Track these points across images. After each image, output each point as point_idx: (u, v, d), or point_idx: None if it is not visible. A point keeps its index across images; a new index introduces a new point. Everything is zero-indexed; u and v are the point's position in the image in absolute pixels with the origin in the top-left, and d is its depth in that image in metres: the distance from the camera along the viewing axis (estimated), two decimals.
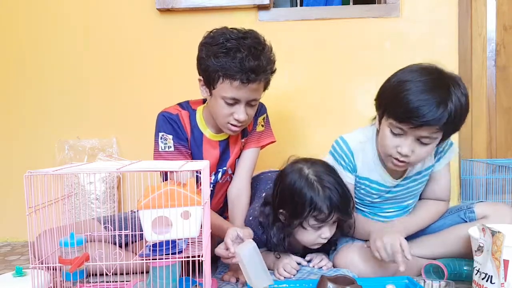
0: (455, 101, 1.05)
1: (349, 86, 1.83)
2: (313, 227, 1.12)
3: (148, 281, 0.90)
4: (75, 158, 1.83)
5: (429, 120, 1.03)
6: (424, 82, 1.06)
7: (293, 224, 1.13)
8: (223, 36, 1.20)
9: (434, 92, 1.04)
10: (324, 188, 1.10)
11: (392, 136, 1.12)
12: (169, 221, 0.84)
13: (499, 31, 1.78)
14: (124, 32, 1.87)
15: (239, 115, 1.23)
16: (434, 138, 1.10)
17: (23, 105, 1.90)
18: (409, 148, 1.10)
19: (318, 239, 1.15)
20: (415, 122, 1.05)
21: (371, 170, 1.26)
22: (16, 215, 1.84)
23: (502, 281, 0.92)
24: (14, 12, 1.88)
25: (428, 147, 1.11)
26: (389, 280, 1.06)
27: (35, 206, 0.82)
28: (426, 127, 1.05)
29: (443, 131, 1.08)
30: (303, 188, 1.10)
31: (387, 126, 1.13)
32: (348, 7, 1.87)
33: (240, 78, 1.17)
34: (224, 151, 1.40)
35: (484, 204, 1.31)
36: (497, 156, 1.81)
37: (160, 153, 1.30)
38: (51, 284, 0.93)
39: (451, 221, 1.32)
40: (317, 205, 1.08)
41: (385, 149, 1.16)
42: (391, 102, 1.11)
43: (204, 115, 1.37)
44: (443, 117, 1.03)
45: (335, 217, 1.11)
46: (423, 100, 1.03)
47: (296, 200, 1.11)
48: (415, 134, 1.08)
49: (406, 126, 1.07)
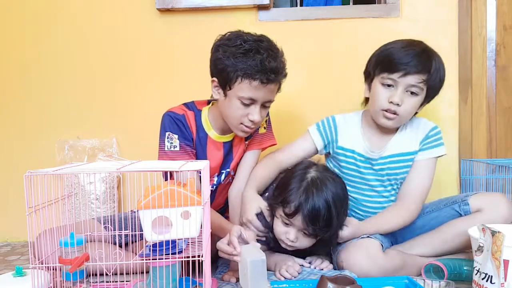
0: (435, 56, 1.26)
1: (349, 86, 1.83)
2: (282, 219, 1.15)
3: (148, 281, 0.90)
4: (75, 158, 1.83)
5: (416, 64, 1.21)
6: (407, 41, 1.28)
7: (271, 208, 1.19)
8: (240, 38, 1.22)
9: (415, 46, 1.25)
10: (309, 191, 1.10)
11: (384, 89, 1.26)
12: (169, 221, 0.84)
13: (499, 31, 1.78)
14: (124, 32, 1.87)
15: (253, 116, 1.24)
16: (421, 89, 1.24)
17: (23, 105, 1.90)
18: (399, 97, 1.23)
19: (283, 237, 1.15)
20: (405, 68, 1.21)
21: (354, 141, 1.36)
22: (16, 215, 1.84)
23: (502, 281, 0.92)
24: (15, 12, 1.88)
25: (416, 98, 1.25)
26: (389, 280, 1.06)
27: (35, 206, 0.82)
28: (415, 74, 1.21)
29: (428, 84, 1.24)
30: (294, 179, 1.15)
31: (378, 82, 1.28)
32: (348, 7, 1.87)
33: (260, 78, 1.18)
34: (228, 152, 1.40)
35: (478, 196, 1.30)
36: (497, 156, 1.81)
37: (166, 152, 1.30)
38: (51, 284, 0.93)
39: (446, 213, 1.33)
40: (288, 198, 1.12)
41: (377, 103, 1.27)
42: (380, 62, 1.28)
43: (210, 116, 1.37)
44: (428, 64, 1.22)
45: (300, 221, 1.10)
46: (409, 49, 1.23)
47: (282, 185, 1.17)
48: (405, 83, 1.23)
49: (396, 75, 1.23)
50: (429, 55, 1.24)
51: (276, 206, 1.16)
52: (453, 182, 1.82)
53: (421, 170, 1.32)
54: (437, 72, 1.24)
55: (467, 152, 1.80)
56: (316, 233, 1.12)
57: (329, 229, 1.12)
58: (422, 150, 1.33)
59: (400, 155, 1.33)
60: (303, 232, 1.14)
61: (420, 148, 1.33)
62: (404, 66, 1.21)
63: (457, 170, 1.81)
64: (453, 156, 1.81)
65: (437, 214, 1.34)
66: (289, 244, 1.16)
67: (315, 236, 1.14)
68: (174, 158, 1.28)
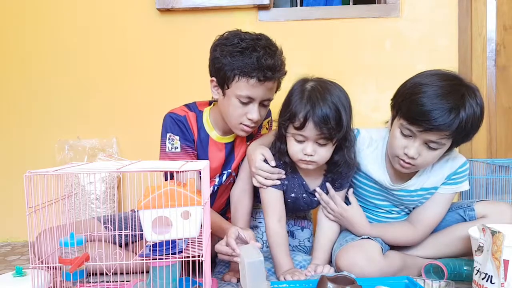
0: (468, 109, 1.05)
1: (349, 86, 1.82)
2: (295, 137, 1.12)
3: (148, 281, 0.90)
4: (75, 158, 1.83)
5: (439, 125, 1.04)
6: (441, 87, 1.07)
7: (281, 129, 1.16)
8: (237, 37, 1.22)
9: (448, 98, 1.05)
10: (313, 96, 1.09)
11: (402, 136, 1.13)
12: (169, 221, 0.84)
13: (499, 31, 1.78)
14: (124, 32, 1.87)
15: (252, 115, 1.24)
16: (443, 144, 1.10)
17: (23, 105, 1.90)
18: (416, 150, 1.11)
19: (300, 154, 1.13)
20: (425, 126, 1.06)
21: (373, 168, 1.26)
22: (16, 215, 1.85)
23: (502, 281, 0.92)
24: (15, 12, 1.88)
25: (436, 152, 1.12)
26: (389, 280, 1.06)
27: (35, 206, 0.82)
28: (435, 132, 1.06)
29: (453, 138, 1.09)
30: (293, 93, 1.13)
31: (397, 127, 1.14)
32: (348, 7, 1.87)
33: (257, 76, 1.18)
34: (229, 153, 1.40)
35: (484, 203, 1.30)
36: (497, 156, 1.81)
37: (167, 153, 1.30)
38: (51, 284, 0.93)
39: (450, 217, 1.32)
40: (294, 110, 1.09)
41: (393, 149, 1.17)
42: (404, 103, 1.12)
43: (211, 117, 1.37)
44: (453, 124, 1.04)
45: (312, 130, 1.08)
46: (436, 104, 1.04)
47: (284, 104, 1.14)
48: (424, 138, 1.09)
49: (415, 129, 1.08)
50: (459, 106, 1.05)
51: (285, 124, 1.13)
52: None
53: (440, 202, 1.25)
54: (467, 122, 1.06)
55: (467, 152, 1.80)
56: (330, 135, 1.09)
57: (341, 128, 1.09)
58: (446, 184, 1.24)
59: (423, 190, 1.25)
60: (318, 142, 1.11)
61: (444, 182, 1.24)
62: (425, 122, 1.06)
63: None
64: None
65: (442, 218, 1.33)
66: (308, 160, 1.12)
67: (330, 140, 1.11)
68: (175, 159, 1.28)
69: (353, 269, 1.14)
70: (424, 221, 1.26)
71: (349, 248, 1.19)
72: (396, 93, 1.19)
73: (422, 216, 1.27)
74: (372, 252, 1.16)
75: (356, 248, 1.17)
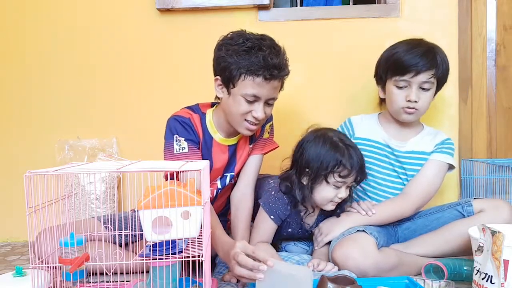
0: (439, 50, 1.37)
1: (349, 86, 1.83)
2: (336, 184, 1.24)
3: (148, 281, 0.90)
4: (75, 158, 1.83)
5: (424, 64, 1.31)
6: (410, 42, 1.39)
7: (319, 179, 1.24)
8: (242, 37, 1.23)
9: (421, 45, 1.36)
10: (348, 148, 1.24)
11: (399, 90, 1.37)
12: (169, 221, 0.84)
13: (499, 31, 1.78)
14: (124, 32, 1.87)
15: (257, 113, 1.24)
16: (432, 83, 1.36)
17: (23, 105, 1.90)
18: (415, 94, 1.34)
19: (335, 198, 1.26)
20: (415, 69, 1.32)
21: (372, 131, 1.46)
22: (16, 215, 1.85)
23: (502, 281, 0.92)
24: (15, 12, 1.88)
25: (429, 92, 1.36)
26: (389, 280, 1.06)
27: (35, 206, 0.82)
28: (425, 72, 1.32)
29: (437, 77, 1.35)
30: (330, 148, 1.24)
31: (392, 85, 1.38)
32: (348, 7, 1.87)
33: (263, 75, 1.19)
34: (232, 155, 1.40)
35: (481, 199, 1.35)
36: (497, 156, 1.81)
37: (175, 155, 1.29)
38: (51, 284, 0.93)
39: (449, 214, 1.35)
40: (342, 162, 1.21)
41: (395, 103, 1.38)
42: (390, 65, 1.38)
43: (214, 119, 1.37)
44: (435, 61, 1.33)
45: (355, 175, 1.24)
46: (416, 51, 1.33)
47: (322, 159, 1.23)
48: (418, 81, 1.34)
49: (408, 76, 1.33)
50: (433, 51, 1.35)
51: (328, 174, 1.23)
52: (453, 182, 1.82)
53: (430, 168, 1.38)
54: (443, 63, 1.36)
55: (467, 152, 1.80)
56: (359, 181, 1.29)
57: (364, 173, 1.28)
58: (435, 152, 1.40)
59: (419, 153, 1.41)
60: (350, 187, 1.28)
61: (434, 150, 1.40)
62: (414, 67, 1.32)
63: (457, 170, 1.81)
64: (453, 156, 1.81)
65: (440, 215, 1.36)
66: (339, 201, 1.28)
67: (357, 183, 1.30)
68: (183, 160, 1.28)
69: (347, 262, 1.16)
70: (417, 187, 1.38)
71: (344, 242, 1.21)
72: (376, 67, 1.47)
73: (415, 182, 1.39)
74: (367, 245, 1.18)
75: (351, 241, 1.20)
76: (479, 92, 1.79)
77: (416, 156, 1.41)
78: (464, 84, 1.79)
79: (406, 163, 1.42)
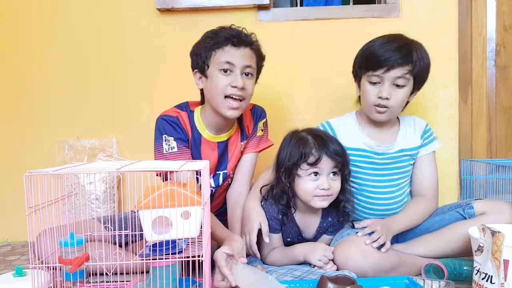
0: (417, 45, 1.30)
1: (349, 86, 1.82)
2: (308, 173, 1.22)
3: (148, 281, 0.90)
4: (75, 158, 1.83)
5: (397, 58, 1.25)
6: (386, 37, 1.32)
7: (292, 174, 1.24)
8: (212, 30, 1.32)
9: (396, 40, 1.29)
10: (316, 137, 1.24)
11: (372, 86, 1.31)
12: (169, 221, 0.84)
13: (499, 31, 1.78)
14: (124, 32, 1.87)
15: (236, 82, 1.26)
16: (407, 80, 1.28)
17: (23, 105, 1.90)
18: (387, 91, 1.28)
19: (317, 191, 1.21)
20: (386, 63, 1.26)
21: (355, 139, 1.39)
22: (16, 215, 1.84)
23: (502, 281, 0.92)
24: (15, 12, 1.88)
25: (404, 89, 1.29)
26: (389, 280, 1.06)
27: (35, 206, 0.82)
28: (397, 68, 1.26)
29: (413, 74, 1.28)
30: (296, 142, 1.25)
31: (365, 81, 1.33)
32: (348, 7, 1.87)
33: (231, 41, 1.26)
34: (223, 153, 1.40)
35: (483, 201, 1.32)
36: (497, 156, 1.81)
37: (164, 155, 1.30)
38: (51, 284, 0.93)
39: (450, 216, 1.34)
40: (305, 150, 1.21)
41: (368, 100, 1.32)
42: (363, 60, 1.34)
43: (202, 116, 1.37)
44: (409, 56, 1.26)
45: (330, 161, 1.21)
46: (388, 44, 1.28)
47: (289, 154, 1.24)
48: (390, 77, 1.27)
49: (380, 71, 1.27)
50: (408, 46, 1.28)
51: (296, 167, 1.22)
52: (453, 182, 1.82)
53: (429, 164, 1.39)
54: (420, 60, 1.28)
55: (467, 152, 1.80)
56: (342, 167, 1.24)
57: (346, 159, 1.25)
58: (424, 145, 1.40)
59: (409, 150, 1.39)
60: (331, 175, 1.23)
61: (422, 144, 1.40)
62: (385, 61, 1.26)
63: (457, 170, 1.81)
64: (453, 156, 1.81)
65: (441, 217, 1.35)
66: (325, 194, 1.22)
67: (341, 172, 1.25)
68: (173, 159, 1.28)
69: (347, 262, 1.16)
70: (429, 188, 1.39)
71: (343, 243, 1.21)
72: (353, 63, 1.41)
73: (425, 183, 1.39)
74: (366, 246, 1.17)
75: (350, 243, 1.20)
76: (479, 92, 1.79)
77: (407, 153, 1.39)
78: (464, 84, 1.79)
79: (398, 162, 1.38)
